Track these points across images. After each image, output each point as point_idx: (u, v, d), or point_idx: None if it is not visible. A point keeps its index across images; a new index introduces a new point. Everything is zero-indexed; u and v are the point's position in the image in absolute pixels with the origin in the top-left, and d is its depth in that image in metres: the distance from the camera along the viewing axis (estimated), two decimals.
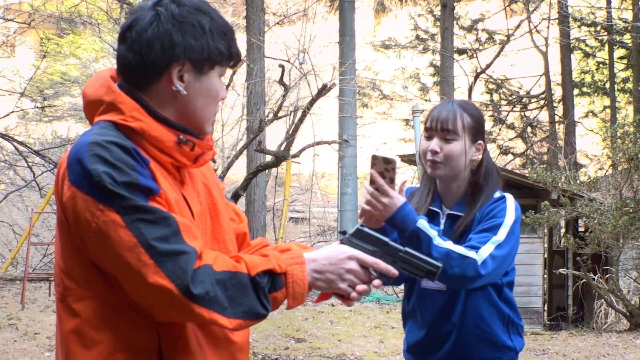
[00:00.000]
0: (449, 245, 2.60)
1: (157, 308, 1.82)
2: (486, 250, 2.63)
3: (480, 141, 2.84)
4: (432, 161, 2.78)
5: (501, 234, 2.69)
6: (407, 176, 23.70)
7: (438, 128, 2.77)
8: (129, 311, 1.87)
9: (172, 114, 1.97)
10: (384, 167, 2.52)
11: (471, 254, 2.60)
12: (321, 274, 1.95)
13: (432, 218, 2.84)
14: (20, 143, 16.10)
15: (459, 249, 2.60)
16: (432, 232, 2.59)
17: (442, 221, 2.86)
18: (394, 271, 2.03)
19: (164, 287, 1.76)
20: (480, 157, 2.86)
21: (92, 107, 1.96)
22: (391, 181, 2.54)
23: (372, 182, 2.54)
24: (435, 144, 2.77)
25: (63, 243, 1.91)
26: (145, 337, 1.89)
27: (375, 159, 2.51)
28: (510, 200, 2.80)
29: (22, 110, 18.82)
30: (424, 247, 2.53)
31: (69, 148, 1.90)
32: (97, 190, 1.78)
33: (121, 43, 1.95)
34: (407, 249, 2.10)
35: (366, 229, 2.10)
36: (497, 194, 2.84)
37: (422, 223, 2.58)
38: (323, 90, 13.34)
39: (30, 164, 16.05)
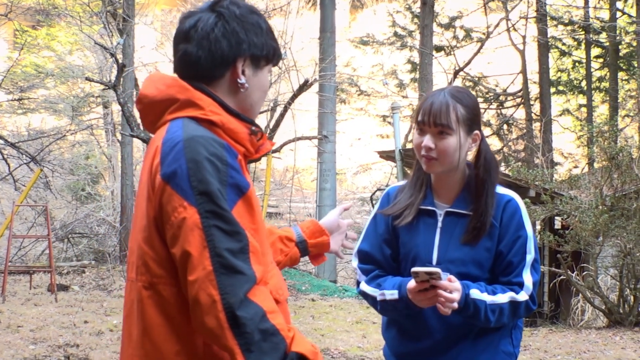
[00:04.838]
0: (498, 299, 2.60)
1: (196, 311, 1.86)
2: (528, 278, 2.65)
3: (477, 131, 2.68)
4: (427, 157, 2.63)
5: (531, 249, 2.67)
6: (385, 172, 23.74)
7: (431, 123, 2.60)
8: None
9: (234, 107, 2.09)
10: (427, 278, 2.48)
11: (521, 296, 2.63)
12: None
13: (427, 217, 2.73)
14: None
15: (507, 296, 2.62)
16: (485, 297, 2.58)
17: (440, 219, 2.71)
18: None
19: (211, 295, 1.83)
20: (476, 147, 2.71)
21: (160, 106, 2.06)
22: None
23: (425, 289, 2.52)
24: (429, 140, 2.60)
25: (154, 231, 1.98)
26: None
27: (416, 275, 2.49)
28: (521, 203, 2.72)
29: None
30: (481, 314, 2.57)
31: (162, 136, 1.98)
32: (186, 188, 1.88)
33: (185, 42, 2.08)
34: None
35: None
36: (500, 190, 2.71)
37: (474, 292, 2.58)
38: (305, 85, 13.34)
39: (5, 156, 15.89)
